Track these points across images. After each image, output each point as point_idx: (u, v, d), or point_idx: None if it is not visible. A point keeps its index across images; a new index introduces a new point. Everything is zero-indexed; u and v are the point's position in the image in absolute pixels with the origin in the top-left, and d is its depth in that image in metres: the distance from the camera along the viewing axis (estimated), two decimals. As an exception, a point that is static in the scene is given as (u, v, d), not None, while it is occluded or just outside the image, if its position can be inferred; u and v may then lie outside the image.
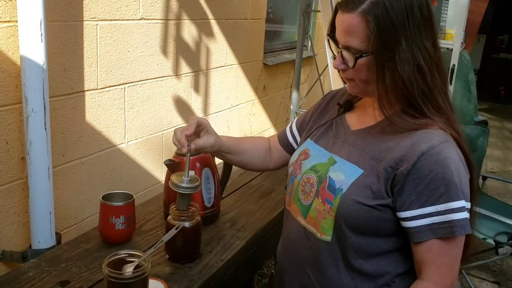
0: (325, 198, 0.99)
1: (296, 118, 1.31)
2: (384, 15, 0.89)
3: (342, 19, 0.94)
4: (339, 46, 0.97)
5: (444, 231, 0.90)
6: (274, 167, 1.32)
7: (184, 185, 1.12)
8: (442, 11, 5.35)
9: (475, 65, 7.60)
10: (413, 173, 0.91)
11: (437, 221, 0.90)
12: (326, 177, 1.01)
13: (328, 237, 1.00)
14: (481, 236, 2.47)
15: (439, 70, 0.96)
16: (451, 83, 2.57)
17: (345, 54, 0.96)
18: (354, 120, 1.08)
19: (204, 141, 1.14)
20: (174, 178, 1.14)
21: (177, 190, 1.13)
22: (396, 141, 0.95)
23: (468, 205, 0.92)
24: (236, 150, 1.25)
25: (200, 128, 1.15)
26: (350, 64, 0.95)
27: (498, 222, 2.60)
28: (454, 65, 2.59)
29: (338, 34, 0.97)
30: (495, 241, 2.35)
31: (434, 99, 0.95)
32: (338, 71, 1.02)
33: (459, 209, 0.90)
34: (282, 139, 1.29)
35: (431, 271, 0.93)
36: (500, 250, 2.30)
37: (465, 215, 0.91)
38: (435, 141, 0.91)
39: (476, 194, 0.98)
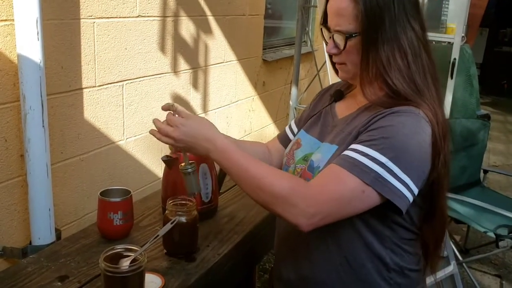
0: (305, 179, 1.02)
1: (297, 116, 1.33)
2: None
3: (333, 3, 0.99)
4: (331, 31, 1.01)
5: (345, 163, 0.91)
6: None
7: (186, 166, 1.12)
8: (443, 5, 5.35)
9: (478, 59, 7.57)
10: (369, 126, 0.95)
11: (353, 156, 0.91)
12: (309, 161, 1.05)
13: None
14: (482, 230, 2.47)
15: (428, 53, 0.98)
16: (452, 77, 2.56)
17: (337, 37, 1.00)
18: (342, 109, 1.12)
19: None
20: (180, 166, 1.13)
21: (184, 172, 1.12)
22: (369, 115, 0.98)
23: (400, 174, 0.89)
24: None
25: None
26: (341, 47, 0.99)
27: (499, 215, 2.60)
28: (455, 59, 2.57)
29: (330, 19, 1.01)
30: (495, 234, 2.34)
31: (412, 80, 0.96)
32: (331, 57, 1.06)
33: (377, 161, 0.89)
34: (283, 137, 1.30)
35: (318, 178, 0.94)
36: (501, 243, 2.30)
37: (378, 169, 0.89)
38: (400, 109, 0.94)
39: (442, 186, 0.97)
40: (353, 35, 0.96)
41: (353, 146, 0.94)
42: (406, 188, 0.90)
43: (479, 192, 2.89)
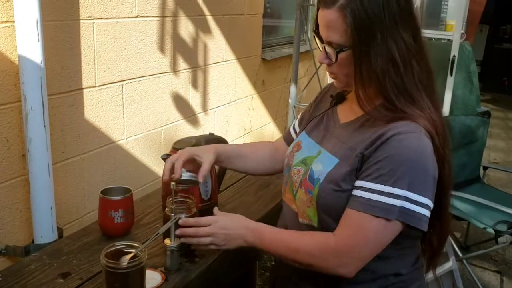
0: (306, 189, 1.04)
1: (299, 116, 1.34)
2: (360, 9, 0.92)
3: (322, 15, 0.97)
4: (323, 42, 1.00)
5: (364, 206, 0.92)
6: (282, 168, 1.30)
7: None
8: (443, 2, 5.34)
9: (478, 56, 7.55)
10: (374, 152, 0.94)
11: (369, 197, 0.92)
12: (309, 169, 1.05)
13: (314, 224, 1.04)
14: (482, 226, 2.47)
15: (419, 61, 0.96)
16: (451, 75, 2.56)
17: (328, 49, 0.99)
18: (343, 113, 1.11)
19: (206, 164, 1.17)
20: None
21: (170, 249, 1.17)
22: (371, 132, 0.98)
23: (419, 198, 0.92)
24: (238, 154, 1.27)
25: (191, 159, 1.18)
26: (333, 59, 0.98)
27: (498, 211, 2.60)
28: (454, 56, 2.58)
29: (321, 30, 1.00)
30: (495, 230, 2.35)
31: (407, 92, 0.96)
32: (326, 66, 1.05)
33: (395, 196, 0.91)
34: (287, 137, 1.32)
35: (341, 230, 0.96)
36: (500, 239, 2.31)
37: (399, 203, 0.91)
38: (401, 130, 0.93)
39: (448, 190, 0.99)
40: (344, 49, 0.95)
41: (364, 183, 0.94)
42: (427, 208, 0.93)
43: (479, 188, 2.90)
